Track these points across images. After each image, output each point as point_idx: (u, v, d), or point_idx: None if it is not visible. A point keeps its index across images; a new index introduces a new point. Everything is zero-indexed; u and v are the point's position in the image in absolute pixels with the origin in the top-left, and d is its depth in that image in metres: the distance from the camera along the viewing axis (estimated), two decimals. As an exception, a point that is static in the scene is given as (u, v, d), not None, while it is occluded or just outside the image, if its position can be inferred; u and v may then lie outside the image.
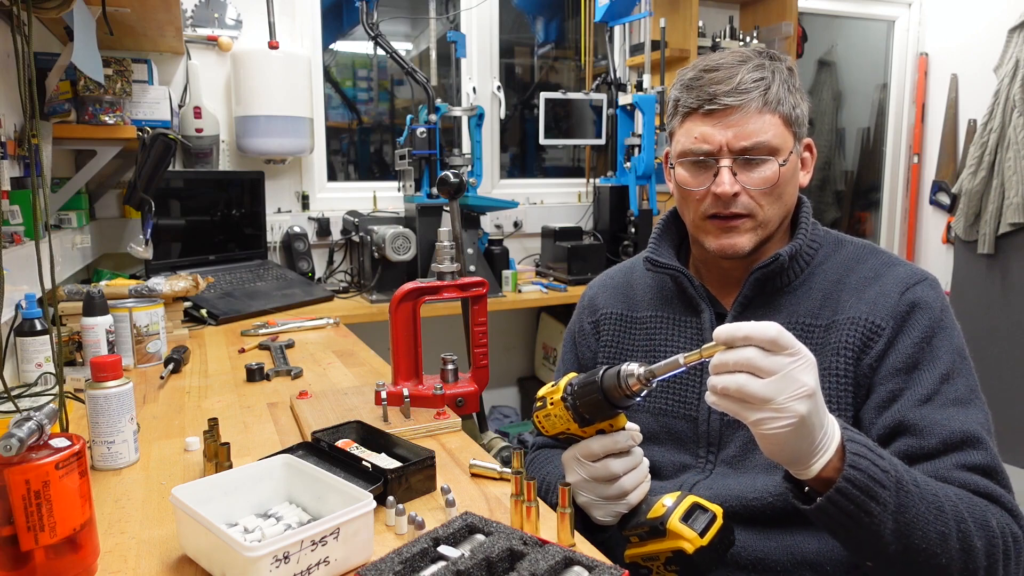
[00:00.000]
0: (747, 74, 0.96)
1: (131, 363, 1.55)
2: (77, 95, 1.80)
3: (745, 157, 0.97)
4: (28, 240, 1.40)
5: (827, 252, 1.05)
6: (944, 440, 0.87)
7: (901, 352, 0.93)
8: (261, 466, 0.85)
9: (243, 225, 2.64)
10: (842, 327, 0.96)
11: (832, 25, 4.15)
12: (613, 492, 0.87)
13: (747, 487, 0.96)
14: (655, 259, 1.09)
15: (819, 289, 1.01)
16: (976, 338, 3.40)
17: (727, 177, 0.96)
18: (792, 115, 0.98)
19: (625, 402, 0.82)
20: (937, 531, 0.78)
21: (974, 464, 0.86)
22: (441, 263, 1.24)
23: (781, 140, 0.97)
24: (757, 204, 0.98)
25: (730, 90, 0.95)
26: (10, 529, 0.67)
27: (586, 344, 1.21)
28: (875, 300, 0.96)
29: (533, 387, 3.21)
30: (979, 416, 0.90)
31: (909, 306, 0.95)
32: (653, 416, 1.08)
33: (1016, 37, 3.28)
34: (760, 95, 0.95)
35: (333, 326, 2.02)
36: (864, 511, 0.75)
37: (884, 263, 1.01)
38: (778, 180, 0.97)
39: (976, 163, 3.37)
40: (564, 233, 2.94)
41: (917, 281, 0.98)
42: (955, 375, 0.92)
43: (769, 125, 0.96)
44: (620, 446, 0.86)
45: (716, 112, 0.96)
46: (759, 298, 1.03)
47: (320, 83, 2.89)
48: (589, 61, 3.28)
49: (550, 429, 0.89)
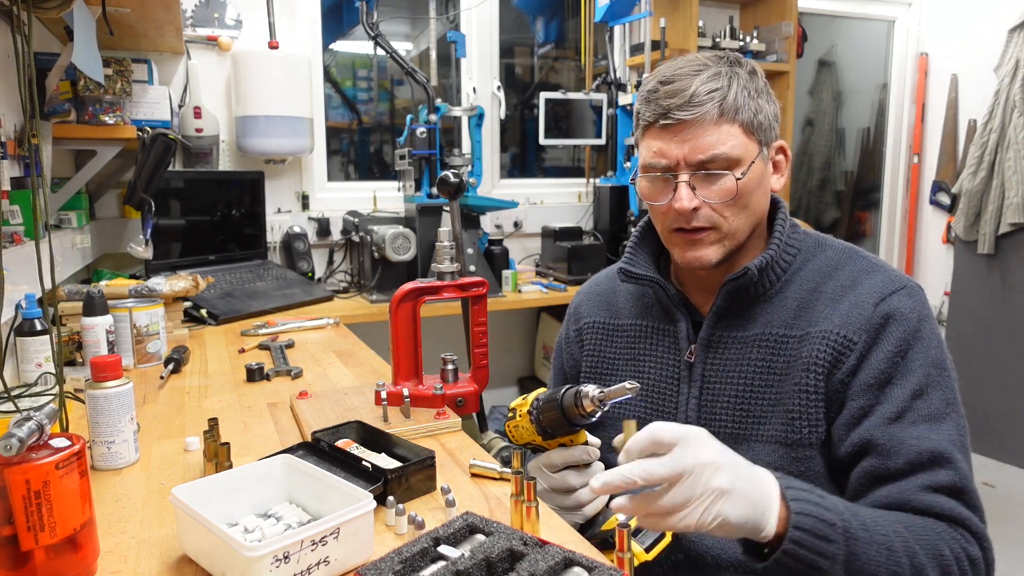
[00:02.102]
0: (701, 85, 0.93)
1: (131, 363, 1.55)
2: (77, 95, 1.80)
3: (703, 171, 0.95)
4: (28, 240, 1.40)
5: (806, 257, 1.03)
6: (910, 461, 0.86)
7: (873, 367, 0.91)
8: (261, 466, 0.85)
9: (243, 225, 2.64)
10: (815, 341, 0.95)
11: (832, 25, 4.15)
12: (570, 503, 0.93)
13: None
14: (629, 270, 1.08)
15: (794, 298, 0.99)
16: (976, 338, 3.40)
17: (685, 192, 0.95)
18: (754, 121, 0.95)
19: (581, 420, 0.89)
20: (889, 572, 0.78)
21: (940, 485, 0.85)
22: (441, 263, 1.24)
23: (742, 150, 0.95)
24: (720, 216, 0.97)
25: (683, 103, 0.93)
26: (10, 529, 0.67)
27: (569, 352, 1.22)
28: (848, 312, 0.94)
29: (533, 387, 3.19)
30: (951, 432, 0.89)
31: (883, 318, 0.93)
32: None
33: (1016, 37, 3.28)
34: (715, 106, 0.93)
35: (333, 326, 2.02)
36: (814, 568, 0.76)
37: (862, 269, 0.99)
38: (738, 192, 0.95)
39: (976, 163, 3.37)
40: (564, 233, 2.94)
41: (894, 291, 0.95)
42: (930, 389, 0.90)
43: (727, 136, 0.94)
44: (577, 459, 0.93)
45: (671, 126, 0.94)
46: (733, 308, 1.02)
47: (320, 83, 2.89)
48: (589, 61, 3.28)
49: (518, 439, 0.97)
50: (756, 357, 0.99)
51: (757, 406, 0.98)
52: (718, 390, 1.01)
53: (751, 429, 0.98)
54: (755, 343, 0.99)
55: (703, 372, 1.02)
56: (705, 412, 1.02)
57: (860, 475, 0.89)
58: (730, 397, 1.00)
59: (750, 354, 0.99)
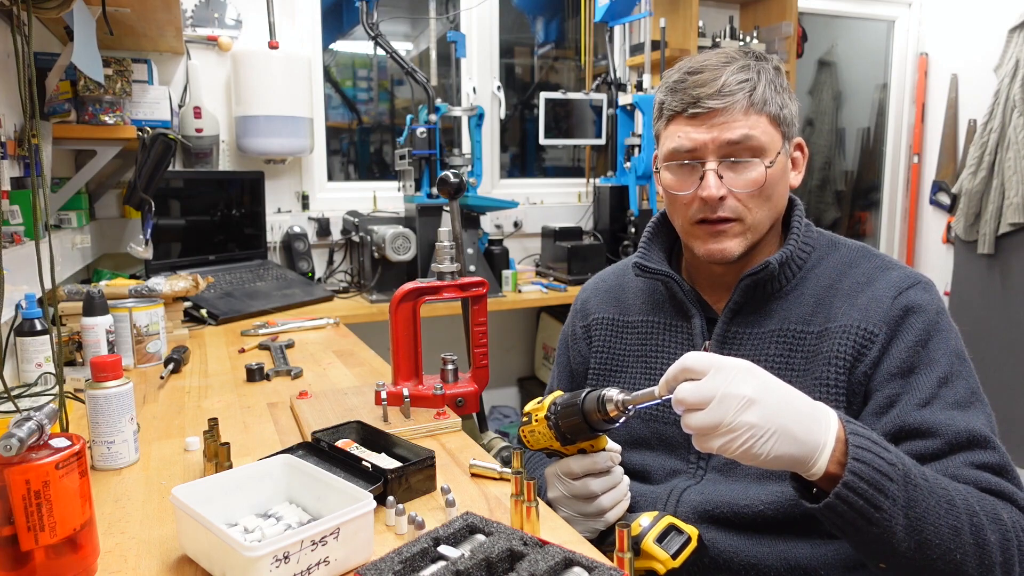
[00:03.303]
0: (731, 76, 0.94)
1: (131, 363, 1.55)
2: (77, 95, 1.80)
3: (731, 159, 0.95)
4: (28, 240, 1.40)
5: (820, 255, 1.03)
6: (949, 441, 0.85)
7: (896, 357, 0.91)
8: (261, 466, 0.85)
9: (243, 225, 2.64)
10: (834, 335, 0.94)
11: (832, 25, 4.15)
12: (592, 510, 0.90)
13: (738, 495, 0.96)
14: (644, 264, 1.08)
15: (811, 295, 0.99)
16: (976, 338, 3.40)
17: (713, 180, 0.95)
18: (780, 115, 0.97)
19: (603, 426, 0.86)
20: (949, 525, 0.76)
21: (984, 463, 0.85)
22: (441, 263, 1.24)
23: (768, 140, 0.96)
24: (745, 207, 0.97)
25: (714, 92, 0.93)
26: (10, 529, 0.68)
27: (577, 349, 1.20)
28: (867, 306, 0.94)
29: (533, 387, 3.21)
30: (982, 418, 0.88)
31: (903, 310, 0.93)
32: (644, 422, 1.07)
33: (1016, 37, 3.28)
34: (745, 96, 0.94)
35: (333, 326, 2.02)
36: (873, 505, 0.73)
37: (877, 267, 0.99)
38: (765, 182, 0.95)
39: (976, 163, 3.37)
40: (564, 233, 2.94)
41: (910, 285, 0.96)
42: (954, 378, 0.90)
43: (756, 124, 0.95)
44: (599, 467, 0.89)
45: (701, 115, 0.95)
46: (750, 304, 1.02)
47: (320, 83, 2.89)
48: (589, 61, 3.28)
49: (534, 444, 0.93)
50: (773, 353, 0.98)
51: None
52: None
53: None
54: (772, 339, 0.99)
55: None
56: None
57: None
58: None
59: (767, 350, 0.99)
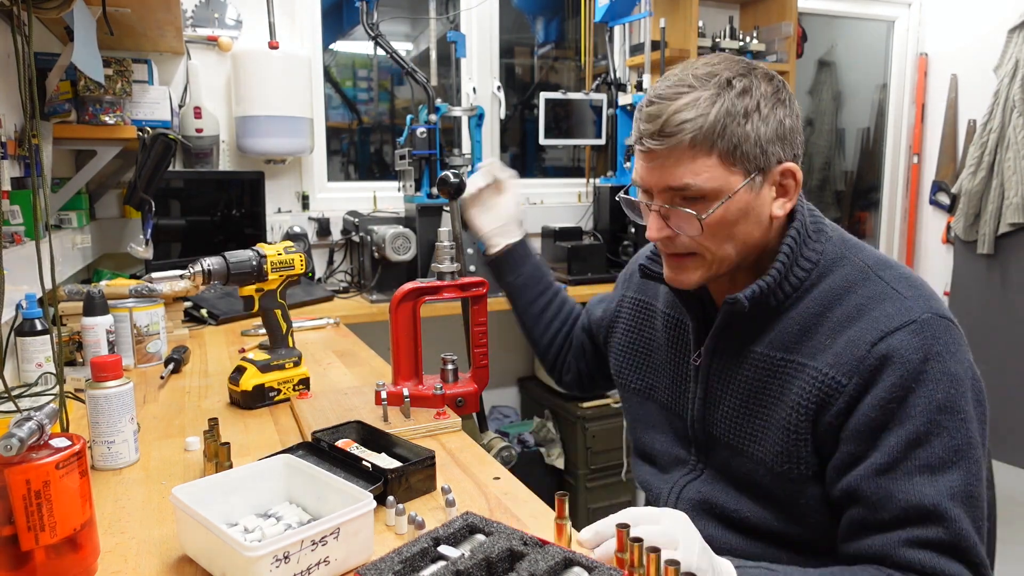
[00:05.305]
0: (675, 114, 0.87)
1: (131, 363, 1.55)
2: (77, 95, 1.80)
3: (670, 205, 0.92)
4: (28, 240, 1.40)
5: (821, 272, 0.95)
6: (896, 516, 0.82)
7: (864, 414, 0.85)
8: (261, 466, 0.85)
9: (243, 225, 2.64)
10: (805, 377, 0.90)
11: (832, 25, 4.15)
12: None
13: (731, 501, 0.98)
14: (648, 268, 1.07)
15: (798, 321, 0.93)
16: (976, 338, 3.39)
17: (654, 222, 0.94)
18: (739, 150, 0.88)
19: None
20: None
21: (926, 540, 0.80)
22: (441, 263, 1.24)
23: (719, 182, 0.89)
24: (701, 244, 0.93)
25: (655, 131, 0.88)
26: (10, 529, 0.68)
27: (603, 307, 1.31)
28: (843, 350, 0.87)
29: (533, 387, 3.21)
30: (954, 482, 0.81)
31: (879, 360, 0.85)
32: (659, 407, 1.11)
33: (1016, 37, 3.28)
34: (687, 136, 0.87)
35: (333, 326, 2.02)
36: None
37: (873, 296, 0.90)
38: (705, 229, 0.90)
39: (976, 163, 3.38)
40: (564, 233, 2.94)
41: (899, 326, 0.86)
42: (931, 436, 0.82)
43: (701, 167, 0.88)
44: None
45: (644, 153, 0.92)
46: (737, 322, 0.98)
47: (320, 83, 2.89)
48: (589, 61, 3.28)
49: None
50: (752, 376, 0.96)
51: (751, 423, 0.96)
52: (719, 397, 1.01)
53: (747, 444, 0.96)
54: (753, 361, 0.96)
55: (707, 376, 1.02)
56: (708, 416, 1.02)
57: (847, 522, 0.87)
58: (728, 408, 0.99)
59: (745, 372, 0.97)
